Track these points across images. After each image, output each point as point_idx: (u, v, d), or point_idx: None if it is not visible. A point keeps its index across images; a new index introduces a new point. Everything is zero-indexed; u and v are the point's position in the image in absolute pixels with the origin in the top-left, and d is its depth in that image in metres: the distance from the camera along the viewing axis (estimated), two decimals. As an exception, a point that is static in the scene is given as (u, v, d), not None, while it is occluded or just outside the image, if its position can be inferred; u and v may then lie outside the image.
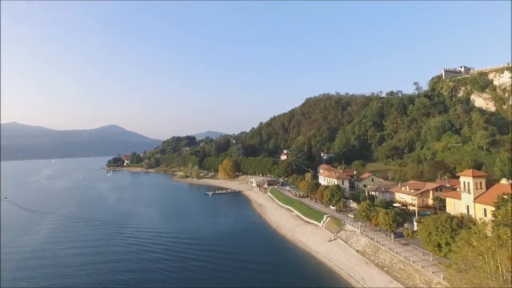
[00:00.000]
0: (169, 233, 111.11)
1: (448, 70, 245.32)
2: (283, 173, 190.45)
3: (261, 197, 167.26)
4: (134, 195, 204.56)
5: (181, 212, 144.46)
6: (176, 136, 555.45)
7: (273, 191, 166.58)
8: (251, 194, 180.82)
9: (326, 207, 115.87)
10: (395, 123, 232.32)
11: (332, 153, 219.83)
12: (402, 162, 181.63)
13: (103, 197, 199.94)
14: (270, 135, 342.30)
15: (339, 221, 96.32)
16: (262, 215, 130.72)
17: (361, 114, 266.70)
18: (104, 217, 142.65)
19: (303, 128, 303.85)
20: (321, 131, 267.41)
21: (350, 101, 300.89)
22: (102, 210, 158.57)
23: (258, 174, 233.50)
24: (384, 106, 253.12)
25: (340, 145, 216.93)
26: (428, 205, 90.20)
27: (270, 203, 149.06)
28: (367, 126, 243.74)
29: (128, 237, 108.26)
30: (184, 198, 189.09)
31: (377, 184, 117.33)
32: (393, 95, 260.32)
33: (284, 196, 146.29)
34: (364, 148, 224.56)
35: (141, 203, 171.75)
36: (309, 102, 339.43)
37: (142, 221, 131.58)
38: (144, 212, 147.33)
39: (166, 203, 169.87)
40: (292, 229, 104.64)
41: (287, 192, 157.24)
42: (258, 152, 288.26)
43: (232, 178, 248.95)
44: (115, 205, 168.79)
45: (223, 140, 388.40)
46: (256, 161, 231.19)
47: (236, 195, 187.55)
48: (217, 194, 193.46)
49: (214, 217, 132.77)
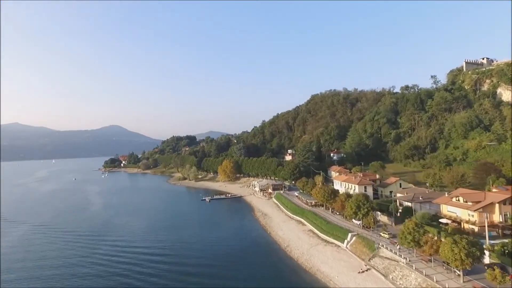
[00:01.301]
0: (153, 253, 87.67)
1: (469, 62, 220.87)
2: (290, 176, 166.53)
3: (265, 204, 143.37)
4: (123, 200, 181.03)
5: (172, 224, 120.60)
6: (176, 136, 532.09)
7: (279, 197, 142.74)
8: (253, 200, 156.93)
9: (347, 220, 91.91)
10: (412, 119, 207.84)
11: (343, 153, 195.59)
12: (426, 163, 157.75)
13: (88, 203, 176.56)
14: (273, 134, 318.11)
15: (370, 242, 72.26)
16: (267, 228, 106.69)
17: (372, 110, 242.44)
18: (80, 228, 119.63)
19: (309, 126, 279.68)
20: (329, 129, 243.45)
21: (360, 97, 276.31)
22: (81, 219, 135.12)
23: (261, 177, 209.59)
24: (399, 102, 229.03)
25: (352, 144, 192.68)
26: (493, 223, 66.04)
27: (276, 212, 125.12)
28: (380, 123, 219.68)
29: (102, 256, 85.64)
30: (178, 204, 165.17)
31: (411, 192, 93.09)
32: (408, 90, 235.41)
33: (293, 204, 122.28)
34: (378, 148, 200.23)
35: (127, 211, 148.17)
36: (315, 99, 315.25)
37: (124, 235, 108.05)
38: (129, 224, 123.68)
39: (156, 211, 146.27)
40: (307, 250, 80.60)
41: (295, 199, 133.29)
42: (260, 152, 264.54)
43: (233, 180, 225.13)
44: (97, 214, 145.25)
45: (223, 140, 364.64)
46: (259, 162, 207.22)
47: (236, 201, 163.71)
48: (216, 199, 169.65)
49: (209, 230, 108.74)
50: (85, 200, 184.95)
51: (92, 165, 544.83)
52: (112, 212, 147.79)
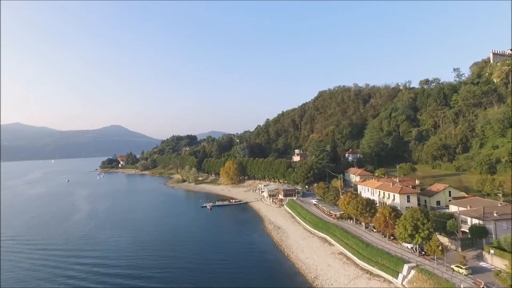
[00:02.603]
0: (135, 285, 64.77)
1: (497, 53, 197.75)
2: (303, 180, 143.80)
3: (276, 214, 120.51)
4: (112, 207, 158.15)
5: (163, 240, 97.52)
6: (176, 135, 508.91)
7: (292, 205, 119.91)
8: (262, 208, 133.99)
9: (393, 242, 69.03)
10: (434, 116, 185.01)
11: (360, 153, 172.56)
12: (461, 165, 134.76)
13: (72, 210, 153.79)
14: (278, 133, 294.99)
15: (441, 282, 49.25)
16: (283, 249, 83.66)
17: (387, 107, 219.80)
18: (54, 243, 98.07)
19: (317, 124, 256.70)
20: (341, 127, 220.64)
21: (372, 93, 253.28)
22: (58, 232, 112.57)
23: (267, 179, 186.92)
24: (419, 97, 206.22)
25: (370, 143, 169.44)
26: None
27: (292, 225, 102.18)
28: (398, 120, 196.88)
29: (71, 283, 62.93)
30: (174, 212, 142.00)
31: (468, 203, 70.07)
32: (428, 84, 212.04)
33: (312, 216, 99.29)
34: (399, 147, 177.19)
35: (114, 222, 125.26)
36: (323, 95, 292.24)
37: (104, 255, 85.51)
38: (112, 238, 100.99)
39: (147, 222, 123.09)
40: (345, 287, 57.74)
41: (313, 207, 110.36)
42: (265, 152, 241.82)
43: (236, 183, 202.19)
44: (79, 224, 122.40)
45: (225, 139, 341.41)
46: (266, 164, 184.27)
47: (242, 209, 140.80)
48: (218, 206, 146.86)
49: (211, 250, 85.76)
50: (70, 207, 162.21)
51: (90, 165, 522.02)
52: (96, 222, 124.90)
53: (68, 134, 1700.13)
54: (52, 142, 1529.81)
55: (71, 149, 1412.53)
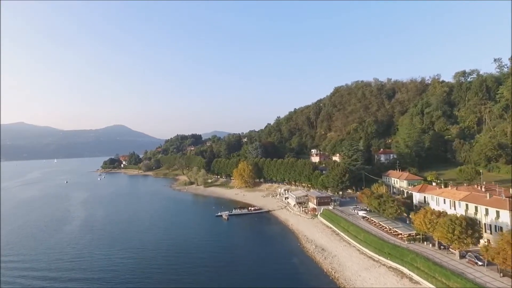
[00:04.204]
0: None
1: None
2: (337, 184, 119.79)
3: (311, 227, 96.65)
4: (112, 215, 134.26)
5: (176, 264, 73.77)
6: (180, 135, 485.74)
7: (330, 217, 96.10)
8: (290, 219, 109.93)
9: None
10: (477, 112, 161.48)
11: (396, 154, 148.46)
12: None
13: (67, 217, 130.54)
14: (292, 131, 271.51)
15: None
16: (340, 282, 59.83)
17: (417, 102, 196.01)
18: (37, 266, 75.89)
19: (336, 122, 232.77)
20: (366, 125, 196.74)
21: (397, 87, 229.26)
22: (46, 247, 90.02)
23: (288, 183, 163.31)
24: (455, 91, 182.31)
25: (408, 141, 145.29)
26: None
27: (339, 245, 78.15)
28: (433, 117, 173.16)
29: None
30: (185, 223, 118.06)
31: None
32: (465, 77, 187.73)
33: (367, 234, 75.14)
34: (438, 146, 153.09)
35: (114, 235, 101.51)
36: (340, 91, 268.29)
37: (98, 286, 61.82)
38: (111, 261, 77.19)
39: (154, 237, 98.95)
40: None
41: (361, 221, 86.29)
42: (280, 152, 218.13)
43: (251, 187, 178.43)
44: (71, 238, 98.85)
45: (234, 139, 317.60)
46: (287, 165, 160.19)
47: (264, 219, 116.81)
48: (235, 215, 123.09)
49: (242, 283, 62.04)
50: (65, 214, 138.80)
51: (92, 165, 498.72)
52: (93, 236, 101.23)
53: (71, 134, 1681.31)
54: (55, 141, 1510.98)
55: (74, 148, 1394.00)
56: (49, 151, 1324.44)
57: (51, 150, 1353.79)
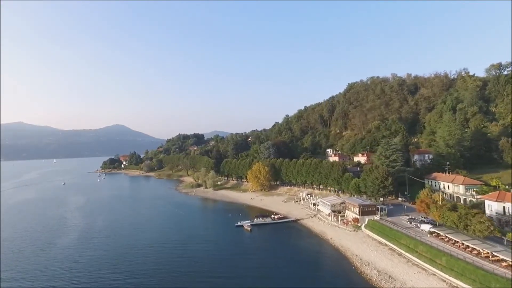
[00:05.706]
0: None
1: None
2: (378, 190, 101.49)
3: (359, 243, 78.18)
4: (114, 225, 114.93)
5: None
6: (182, 134, 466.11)
7: (382, 230, 77.92)
8: (327, 231, 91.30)
9: None
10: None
11: (434, 154, 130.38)
12: None
13: (61, 227, 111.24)
14: (304, 130, 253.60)
15: None
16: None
17: (445, 98, 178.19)
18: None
19: (353, 119, 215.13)
20: (389, 122, 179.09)
21: (419, 83, 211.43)
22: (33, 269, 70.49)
23: (311, 186, 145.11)
24: (490, 85, 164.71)
25: (449, 140, 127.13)
26: None
27: (412, 272, 59.65)
28: (468, 113, 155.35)
29: None
30: (201, 235, 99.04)
31: None
32: (501, 70, 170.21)
33: (450, 257, 57.01)
34: (480, 146, 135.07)
35: (118, 252, 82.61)
36: (355, 87, 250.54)
37: None
38: None
39: (166, 257, 79.93)
40: None
41: (430, 238, 67.91)
42: (294, 152, 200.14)
43: (268, 190, 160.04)
44: (66, 255, 79.71)
45: (241, 138, 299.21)
46: (309, 167, 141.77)
47: (294, 230, 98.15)
48: (258, 225, 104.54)
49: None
50: (59, 222, 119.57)
51: (92, 165, 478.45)
52: (91, 253, 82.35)
53: (71, 134, 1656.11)
54: (55, 141, 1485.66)
55: (74, 148, 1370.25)
56: (49, 151, 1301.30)
57: (51, 150, 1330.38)
